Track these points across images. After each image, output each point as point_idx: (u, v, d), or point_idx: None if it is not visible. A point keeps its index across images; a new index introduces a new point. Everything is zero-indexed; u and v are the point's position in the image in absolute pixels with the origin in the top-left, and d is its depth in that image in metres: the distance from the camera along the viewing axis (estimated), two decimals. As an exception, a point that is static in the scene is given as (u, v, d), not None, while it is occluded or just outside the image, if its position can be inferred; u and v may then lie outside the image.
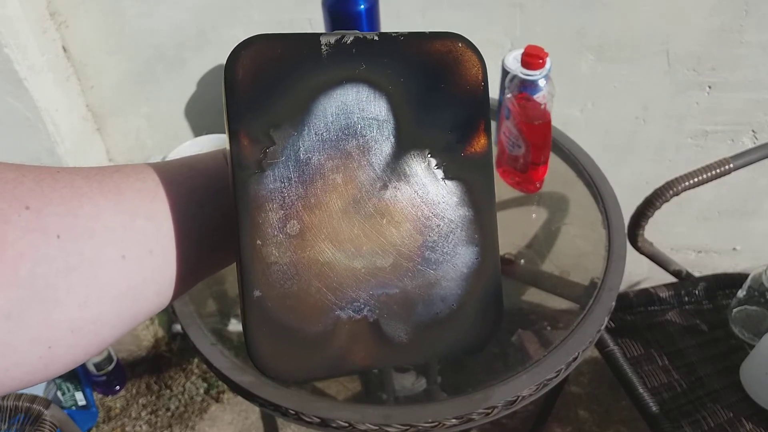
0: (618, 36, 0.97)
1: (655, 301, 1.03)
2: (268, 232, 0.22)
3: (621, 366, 0.92)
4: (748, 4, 0.92)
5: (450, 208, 0.24)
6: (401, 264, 0.24)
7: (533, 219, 0.87)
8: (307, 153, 0.23)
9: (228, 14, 0.98)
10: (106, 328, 0.22)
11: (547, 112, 0.76)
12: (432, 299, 0.24)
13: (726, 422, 0.87)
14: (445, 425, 0.61)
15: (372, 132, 0.24)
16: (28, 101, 0.97)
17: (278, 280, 0.23)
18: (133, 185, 0.23)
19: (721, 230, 1.26)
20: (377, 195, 0.24)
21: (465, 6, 0.95)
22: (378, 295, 0.24)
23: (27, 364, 0.20)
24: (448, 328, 0.24)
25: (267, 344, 0.22)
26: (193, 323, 0.71)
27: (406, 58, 0.24)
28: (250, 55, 0.23)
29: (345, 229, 0.23)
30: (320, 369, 0.23)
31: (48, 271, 0.20)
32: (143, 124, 1.14)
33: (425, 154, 0.24)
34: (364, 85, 0.24)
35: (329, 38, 0.23)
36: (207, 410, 1.38)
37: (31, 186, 0.21)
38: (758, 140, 1.09)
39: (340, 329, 0.23)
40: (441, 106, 0.24)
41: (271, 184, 0.23)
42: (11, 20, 0.90)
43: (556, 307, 0.79)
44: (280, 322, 0.23)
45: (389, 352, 0.24)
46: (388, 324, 0.24)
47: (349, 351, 0.23)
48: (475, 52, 0.25)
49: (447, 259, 0.24)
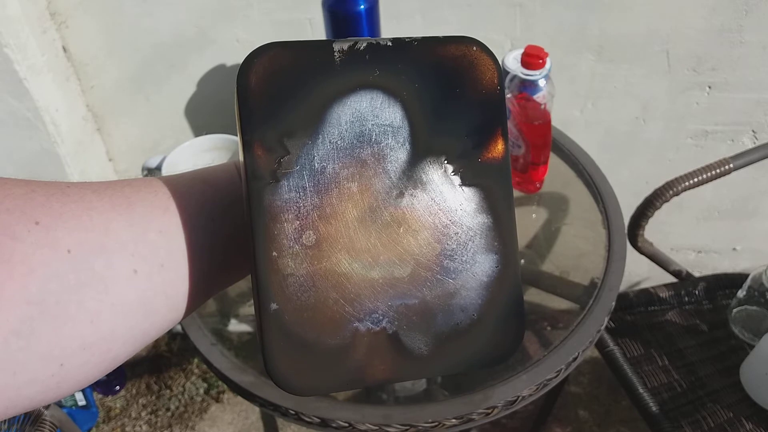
0: (618, 36, 0.97)
1: (655, 301, 1.03)
2: (284, 244, 0.22)
3: (621, 366, 0.92)
4: (748, 4, 0.92)
5: (468, 215, 0.24)
6: (420, 273, 0.23)
7: (533, 219, 0.87)
8: (322, 162, 0.23)
9: (228, 14, 0.98)
10: (117, 345, 0.22)
11: (547, 112, 0.77)
12: (452, 309, 0.23)
13: (726, 422, 0.87)
14: (445, 425, 0.61)
15: (387, 139, 0.23)
16: (28, 101, 0.97)
17: (295, 293, 0.22)
18: (144, 199, 0.23)
19: (721, 230, 1.26)
20: (393, 203, 0.23)
21: (465, 6, 0.95)
22: (397, 305, 0.23)
23: (39, 382, 0.20)
24: (470, 338, 0.24)
25: (285, 358, 0.22)
26: (193, 323, 0.71)
27: (420, 64, 0.24)
28: (262, 63, 0.22)
29: (362, 239, 0.23)
30: (339, 382, 0.23)
31: (59, 287, 0.20)
32: (143, 124, 1.14)
33: (441, 161, 0.24)
34: (378, 92, 0.23)
35: (342, 45, 0.23)
36: (207, 410, 1.38)
37: (41, 201, 0.20)
38: (758, 140, 1.09)
39: (359, 342, 0.23)
40: (457, 111, 0.24)
41: (285, 194, 0.22)
42: (11, 20, 0.90)
43: (556, 307, 0.79)
44: (298, 335, 0.22)
45: (410, 365, 0.23)
46: (407, 335, 0.23)
47: (369, 364, 0.23)
48: (490, 55, 0.24)
49: (466, 268, 0.24)
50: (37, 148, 1.03)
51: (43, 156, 1.04)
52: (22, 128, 1.00)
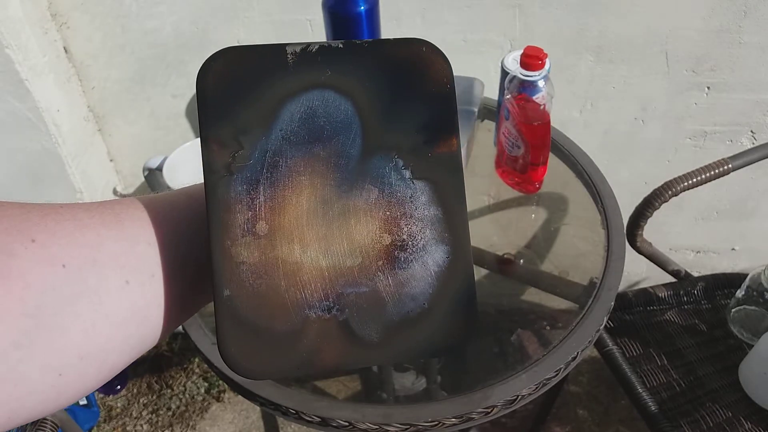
0: (617, 37, 0.98)
1: (654, 300, 1.03)
2: (237, 233, 0.23)
3: (620, 365, 0.92)
4: (746, 5, 0.92)
5: (419, 207, 0.24)
6: (370, 263, 0.24)
7: (532, 219, 0.87)
8: (275, 156, 0.24)
9: (228, 15, 0.98)
10: (114, 354, 0.23)
11: (546, 113, 0.77)
12: (402, 298, 0.24)
13: (725, 422, 0.87)
14: (444, 424, 0.61)
15: (338, 135, 0.24)
16: (30, 102, 0.97)
17: (247, 280, 0.23)
18: (133, 214, 0.24)
19: (720, 230, 1.27)
20: (345, 196, 0.24)
21: (464, 7, 0.96)
22: (347, 294, 0.24)
23: (39, 393, 0.21)
24: (420, 327, 0.24)
25: (237, 342, 0.23)
26: (194, 323, 0.72)
27: (371, 64, 0.25)
28: (219, 66, 0.24)
29: (313, 230, 0.24)
30: (290, 367, 0.23)
31: (54, 300, 0.21)
32: (144, 124, 1.14)
33: (392, 156, 0.24)
34: (329, 91, 0.24)
35: (295, 47, 0.24)
36: (208, 409, 1.38)
37: (36, 221, 0.22)
38: (757, 140, 1.09)
39: (309, 328, 0.23)
40: (407, 108, 0.25)
41: (239, 187, 0.23)
42: (12, 21, 0.90)
43: (556, 307, 0.79)
44: (250, 320, 0.23)
45: (360, 352, 0.24)
46: (358, 323, 0.24)
47: (319, 350, 0.23)
48: (440, 54, 0.25)
49: (416, 258, 0.24)
50: (38, 148, 1.04)
51: (45, 156, 1.05)
52: (24, 129, 1.00)
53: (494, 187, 0.88)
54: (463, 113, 0.86)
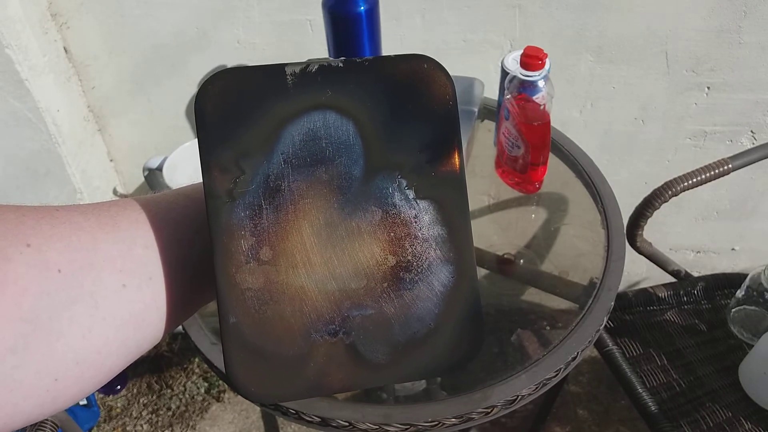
0: (617, 37, 0.98)
1: (654, 300, 1.03)
2: (241, 260, 0.23)
3: (620, 365, 0.92)
4: (746, 5, 0.92)
5: (423, 227, 0.24)
6: (375, 285, 0.24)
7: (532, 219, 0.87)
8: (277, 180, 0.23)
9: (229, 15, 0.98)
10: (111, 358, 0.23)
11: (546, 113, 0.77)
12: (408, 319, 0.24)
13: (725, 422, 0.87)
14: (444, 425, 0.61)
15: (341, 156, 0.24)
16: (30, 102, 0.97)
17: (253, 306, 0.23)
18: (129, 216, 0.24)
19: (720, 230, 1.27)
20: (348, 218, 0.24)
21: (464, 7, 0.96)
22: (353, 317, 0.24)
23: (35, 397, 0.21)
24: (427, 347, 0.24)
25: (245, 368, 0.23)
26: (194, 323, 0.72)
27: (371, 83, 0.24)
28: (217, 89, 0.23)
29: (318, 253, 0.23)
30: (298, 391, 0.23)
31: (50, 304, 0.20)
32: (144, 124, 1.14)
33: (395, 176, 0.24)
34: (330, 112, 0.24)
35: (294, 68, 0.24)
36: (208, 409, 1.38)
37: (31, 224, 0.21)
38: (757, 141, 1.09)
39: (316, 352, 0.23)
40: (410, 127, 0.24)
41: (241, 213, 0.23)
42: (12, 21, 0.90)
43: (556, 307, 0.79)
44: (257, 346, 0.23)
45: (367, 373, 0.24)
46: (364, 346, 0.24)
47: (327, 373, 0.23)
48: (442, 71, 0.25)
49: (422, 279, 0.24)
50: (38, 148, 1.03)
51: (45, 156, 1.05)
52: (24, 128, 1.00)
53: (494, 187, 0.88)
54: (463, 113, 0.86)
